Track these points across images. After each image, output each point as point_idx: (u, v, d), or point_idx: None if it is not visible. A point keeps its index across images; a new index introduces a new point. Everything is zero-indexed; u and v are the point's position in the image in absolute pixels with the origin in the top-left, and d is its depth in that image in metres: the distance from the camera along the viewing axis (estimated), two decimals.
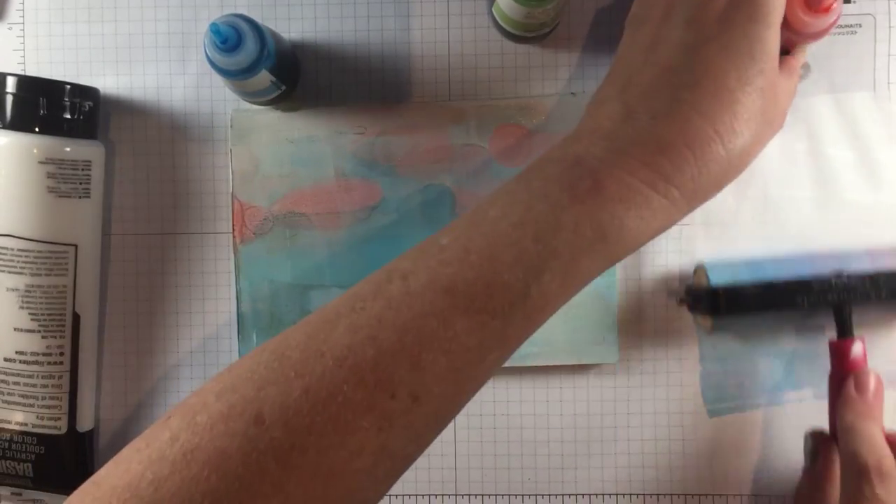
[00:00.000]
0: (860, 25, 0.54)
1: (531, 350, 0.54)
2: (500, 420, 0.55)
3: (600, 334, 0.54)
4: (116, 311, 0.56)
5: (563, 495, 0.55)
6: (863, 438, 0.46)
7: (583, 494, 0.55)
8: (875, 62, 0.54)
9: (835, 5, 0.46)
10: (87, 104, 0.52)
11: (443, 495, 0.55)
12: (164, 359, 0.56)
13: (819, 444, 0.50)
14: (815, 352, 0.54)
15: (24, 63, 0.56)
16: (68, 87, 0.51)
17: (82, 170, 0.51)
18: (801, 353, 0.54)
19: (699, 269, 0.53)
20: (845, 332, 0.50)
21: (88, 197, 0.52)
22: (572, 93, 0.55)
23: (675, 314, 0.55)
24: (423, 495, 0.56)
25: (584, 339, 0.54)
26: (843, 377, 0.49)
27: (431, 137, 0.54)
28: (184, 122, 0.56)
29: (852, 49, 0.54)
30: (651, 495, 0.55)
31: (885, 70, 0.54)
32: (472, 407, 0.55)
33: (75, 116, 0.51)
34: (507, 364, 0.53)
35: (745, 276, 0.51)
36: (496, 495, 0.55)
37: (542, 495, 0.55)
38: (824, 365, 0.51)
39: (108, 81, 0.56)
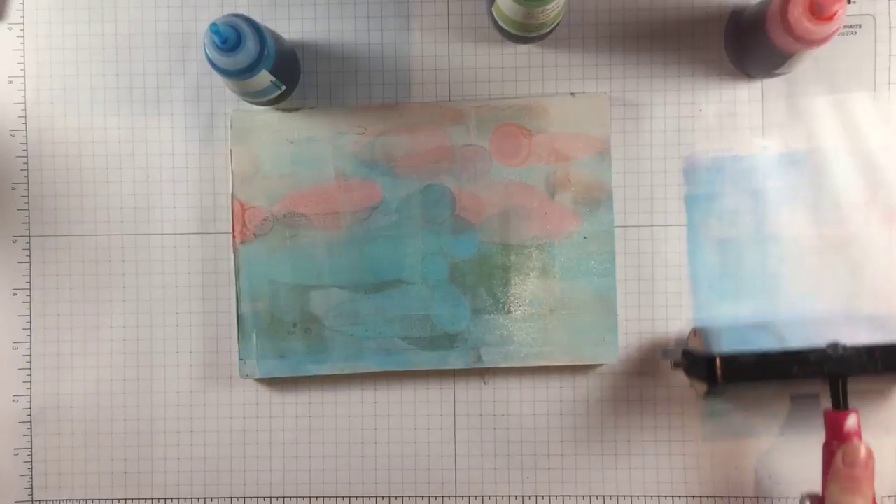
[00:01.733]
0: (860, 26, 0.54)
1: (531, 350, 0.54)
2: (500, 420, 0.55)
3: (600, 334, 0.54)
4: (117, 311, 0.56)
5: (563, 496, 0.55)
6: None
7: (583, 495, 0.55)
8: (876, 62, 0.54)
9: (839, 13, 0.46)
10: None
11: (443, 496, 0.55)
12: (164, 359, 0.56)
13: None
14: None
15: (23, 63, 0.56)
16: None
17: None
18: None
19: (695, 333, 0.53)
20: (840, 405, 0.50)
21: None
22: (572, 93, 0.55)
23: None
24: (422, 496, 0.56)
25: (584, 340, 0.54)
26: (836, 449, 0.49)
27: (431, 137, 0.54)
28: (184, 122, 0.56)
29: (852, 49, 0.54)
30: (651, 496, 0.55)
31: (885, 70, 0.54)
32: (471, 407, 0.55)
33: None
34: (506, 364, 0.54)
35: (741, 341, 0.51)
36: (496, 496, 0.55)
37: (542, 496, 0.55)
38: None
39: (108, 81, 0.56)
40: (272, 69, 0.49)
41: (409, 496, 0.56)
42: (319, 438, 0.56)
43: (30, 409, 0.56)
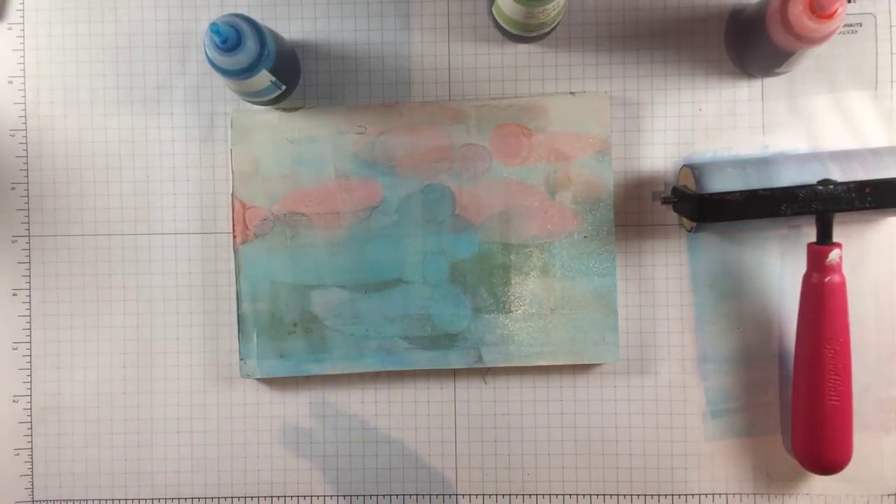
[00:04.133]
0: (861, 25, 0.54)
1: (531, 350, 0.54)
2: (501, 420, 0.55)
3: (600, 334, 0.54)
4: (117, 311, 0.56)
5: (563, 495, 0.55)
6: None
7: (583, 494, 0.55)
8: (877, 61, 0.54)
9: (840, 10, 0.46)
10: None
11: (443, 495, 0.55)
12: (164, 359, 0.56)
13: None
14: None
15: (23, 63, 0.56)
16: None
17: None
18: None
19: (684, 170, 0.53)
20: (826, 239, 0.50)
21: None
22: (572, 92, 0.54)
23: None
24: (423, 495, 0.56)
25: (584, 339, 0.54)
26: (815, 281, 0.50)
27: (431, 137, 0.54)
28: (184, 122, 0.56)
29: (853, 48, 0.54)
30: (651, 495, 0.55)
31: (886, 69, 0.54)
32: (472, 406, 0.55)
33: None
34: (507, 364, 0.54)
35: (731, 178, 0.51)
36: (496, 495, 0.55)
37: (543, 495, 0.55)
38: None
39: (108, 81, 0.56)
40: (272, 69, 0.49)
41: (409, 496, 0.56)
42: (319, 438, 0.56)
43: (30, 409, 0.56)
